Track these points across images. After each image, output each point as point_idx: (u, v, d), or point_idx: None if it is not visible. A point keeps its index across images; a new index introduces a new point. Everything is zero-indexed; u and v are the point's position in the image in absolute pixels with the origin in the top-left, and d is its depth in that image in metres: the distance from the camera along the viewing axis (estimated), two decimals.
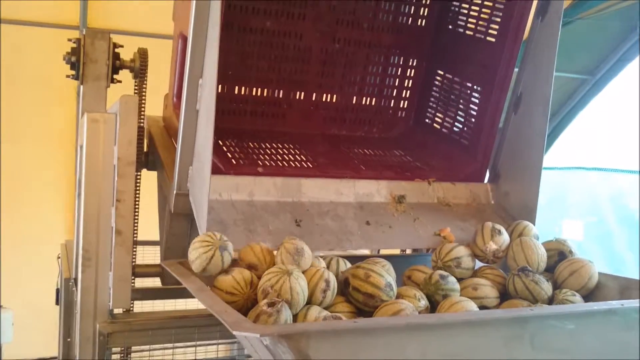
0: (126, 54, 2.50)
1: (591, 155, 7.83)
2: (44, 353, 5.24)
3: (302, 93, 2.70)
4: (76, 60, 2.37)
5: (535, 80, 2.28)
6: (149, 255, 3.42)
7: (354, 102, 2.80)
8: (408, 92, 2.85)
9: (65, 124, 5.57)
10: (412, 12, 2.74)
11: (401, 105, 2.86)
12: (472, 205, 2.41)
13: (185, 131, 2.01)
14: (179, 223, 2.19)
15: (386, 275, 1.77)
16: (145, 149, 2.42)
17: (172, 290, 2.43)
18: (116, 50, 2.44)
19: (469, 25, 2.59)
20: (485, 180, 2.52)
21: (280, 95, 2.67)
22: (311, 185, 2.18)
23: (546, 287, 1.93)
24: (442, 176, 2.44)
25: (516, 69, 2.40)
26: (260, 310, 1.48)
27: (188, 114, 2.00)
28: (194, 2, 1.93)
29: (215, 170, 2.03)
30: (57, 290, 3.34)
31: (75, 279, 2.44)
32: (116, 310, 2.20)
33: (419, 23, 2.77)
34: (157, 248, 3.09)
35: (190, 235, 2.22)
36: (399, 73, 2.83)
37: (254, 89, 2.63)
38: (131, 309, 2.32)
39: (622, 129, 7.53)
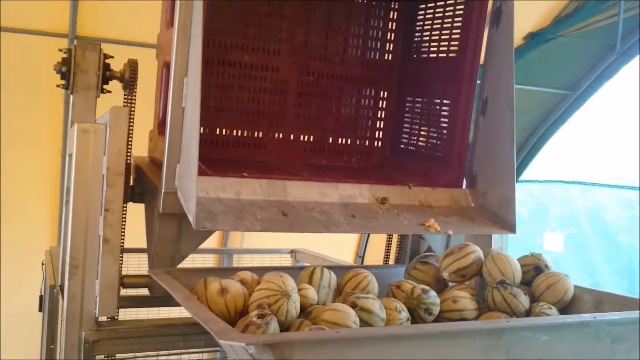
0: (116, 63, 2.53)
1: (571, 169, 7.97)
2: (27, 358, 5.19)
3: (282, 123, 2.86)
4: (67, 70, 2.41)
5: (498, 83, 2.41)
6: (133, 263, 3.43)
7: (331, 132, 2.95)
8: (382, 122, 3.03)
9: (51, 132, 5.55)
10: (378, 47, 2.97)
11: (376, 136, 3.03)
12: (453, 207, 2.47)
13: (172, 130, 2.09)
14: (167, 226, 2.20)
15: (379, 319, 1.76)
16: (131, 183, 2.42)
17: (159, 298, 2.45)
18: (106, 61, 2.48)
19: (431, 49, 2.79)
20: (464, 187, 2.59)
21: (261, 126, 2.82)
22: (295, 187, 2.24)
23: (524, 300, 1.99)
24: (422, 184, 2.52)
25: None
26: (249, 321, 1.52)
27: (174, 113, 2.08)
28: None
29: (202, 174, 2.08)
30: (41, 297, 3.34)
31: (62, 286, 2.45)
32: (101, 318, 2.22)
33: (386, 57, 3.00)
34: (140, 256, 3.12)
35: (180, 241, 2.24)
36: (371, 104, 3.01)
37: (236, 120, 2.77)
38: (116, 316, 2.33)
39: (601, 144, 7.69)
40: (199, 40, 1.98)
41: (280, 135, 2.86)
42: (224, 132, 2.76)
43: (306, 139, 2.91)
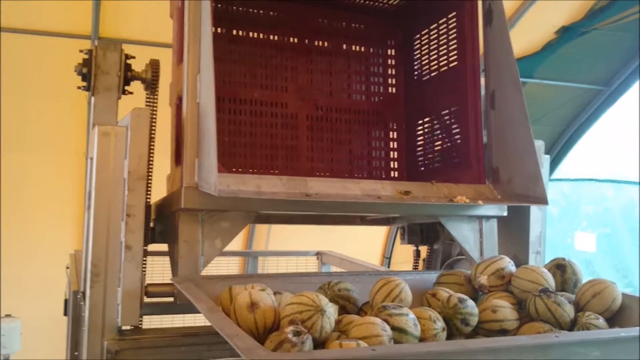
0: (138, 64, 2.47)
1: (604, 166, 7.75)
2: None
3: (296, 157, 2.91)
4: (87, 72, 2.36)
5: (501, 74, 2.44)
6: (158, 266, 3.37)
7: (346, 166, 3.01)
8: (395, 153, 3.09)
9: (76, 134, 5.56)
10: (381, 81, 3.10)
11: (392, 166, 3.08)
12: (480, 198, 2.43)
13: (188, 126, 2.11)
14: (189, 226, 2.13)
15: (412, 338, 1.66)
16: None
17: (184, 304, 2.38)
18: (128, 61, 2.42)
19: (432, 68, 2.89)
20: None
21: (276, 160, 2.87)
22: (316, 182, 2.21)
23: (569, 309, 1.87)
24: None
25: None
26: (284, 338, 1.43)
27: (190, 109, 2.12)
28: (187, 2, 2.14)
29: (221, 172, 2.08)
30: (66, 301, 3.30)
31: (84, 294, 2.40)
32: (124, 327, 2.15)
33: (390, 91, 3.11)
34: (165, 259, 3.06)
35: (202, 243, 2.17)
36: (382, 136, 3.09)
37: (250, 154, 2.82)
38: (140, 324, 2.26)
39: (635, 141, 7.45)
40: (208, 31, 2.00)
41: (295, 170, 2.90)
42: (240, 171, 2.79)
43: (321, 171, 2.96)
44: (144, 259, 2.19)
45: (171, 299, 2.34)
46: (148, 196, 2.21)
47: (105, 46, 2.37)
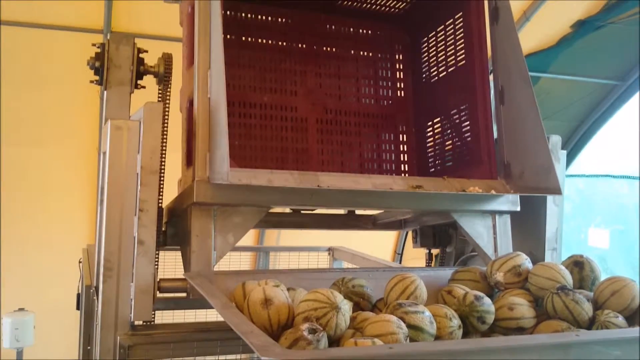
0: (151, 59, 2.46)
1: (619, 162, 7.65)
2: (66, 355, 5.24)
3: (305, 159, 2.94)
4: (100, 66, 2.35)
5: (509, 70, 2.45)
6: (170, 261, 3.37)
7: (357, 169, 3.02)
8: (405, 155, 3.12)
9: (89, 128, 5.57)
10: (390, 85, 3.14)
11: (402, 169, 3.11)
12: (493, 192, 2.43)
13: (200, 121, 2.11)
14: (202, 221, 2.12)
15: (428, 336, 1.65)
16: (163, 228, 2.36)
17: (196, 300, 2.36)
18: (140, 55, 2.40)
19: (440, 69, 2.90)
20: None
21: (287, 163, 2.89)
22: (327, 176, 2.21)
23: (587, 308, 1.83)
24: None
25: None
26: (299, 335, 1.41)
27: (201, 103, 2.13)
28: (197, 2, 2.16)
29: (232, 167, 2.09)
30: (78, 295, 3.31)
31: (97, 288, 2.39)
32: (137, 322, 2.14)
33: (398, 94, 3.14)
34: (176, 254, 3.05)
35: (215, 238, 2.15)
36: (392, 139, 3.11)
37: (261, 157, 2.85)
38: (153, 319, 2.25)
39: None
40: (218, 26, 2.02)
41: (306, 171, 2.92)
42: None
43: (332, 174, 2.93)
44: (157, 253, 2.18)
45: (184, 295, 2.34)
46: (160, 193, 2.20)
47: (118, 40, 2.36)
